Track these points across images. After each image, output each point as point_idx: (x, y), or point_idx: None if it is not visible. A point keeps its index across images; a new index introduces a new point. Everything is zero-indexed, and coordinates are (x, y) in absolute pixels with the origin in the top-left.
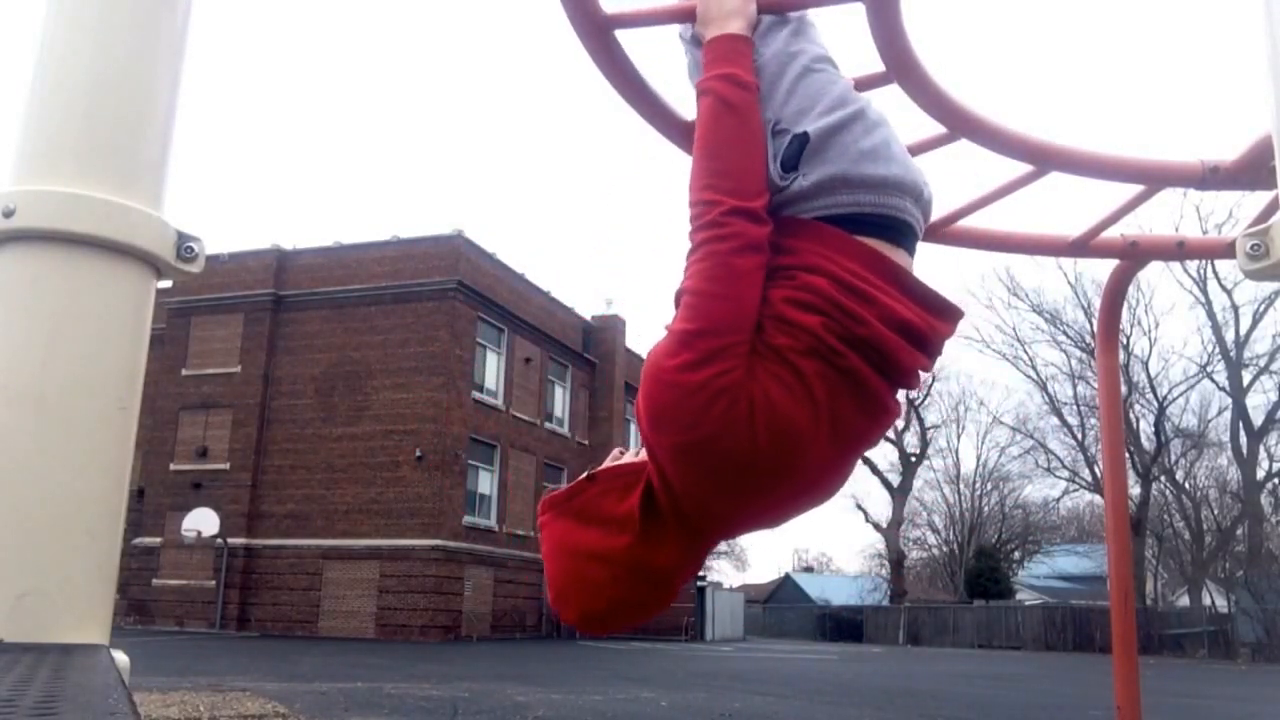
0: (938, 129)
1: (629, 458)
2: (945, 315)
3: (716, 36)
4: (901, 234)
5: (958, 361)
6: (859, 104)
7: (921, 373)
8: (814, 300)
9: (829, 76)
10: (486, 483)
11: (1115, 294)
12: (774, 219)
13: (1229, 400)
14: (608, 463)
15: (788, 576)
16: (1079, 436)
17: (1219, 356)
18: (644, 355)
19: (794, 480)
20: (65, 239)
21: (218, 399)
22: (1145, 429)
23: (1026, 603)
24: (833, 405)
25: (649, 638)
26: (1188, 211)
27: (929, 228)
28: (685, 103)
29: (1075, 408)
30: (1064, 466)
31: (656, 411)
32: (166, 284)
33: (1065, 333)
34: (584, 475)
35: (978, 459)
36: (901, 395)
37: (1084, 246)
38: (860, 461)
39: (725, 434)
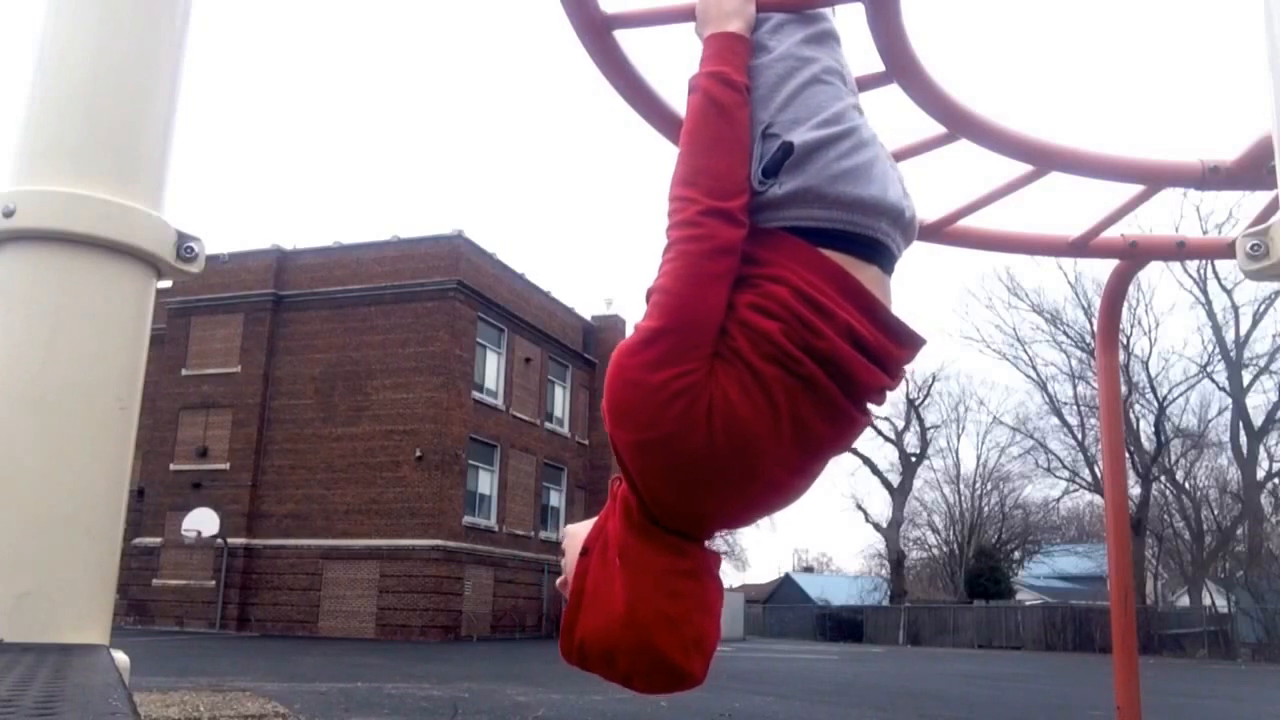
0: (938, 129)
1: (578, 527)
2: (903, 341)
3: (713, 34)
4: (874, 251)
5: (958, 361)
6: (852, 123)
7: (887, 391)
8: (774, 308)
9: (834, 92)
10: (486, 483)
11: (1115, 294)
12: (758, 231)
13: (1229, 400)
14: (566, 545)
15: (788, 576)
16: (1079, 436)
17: (1219, 356)
18: None
19: (754, 482)
20: (65, 239)
21: (218, 399)
22: (1145, 429)
23: (1026, 603)
24: (794, 411)
25: None
26: (1188, 211)
27: (930, 227)
28: (684, 101)
29: (1075, 408)
30: (1064, 466)
31: (617, 408)
32: (166, 284)
33: (1065, 333)
34: (578, 556)
35: (978, 459)
36: (872, 408)
37: (1084, 246)
38: (860, 461)
39: (683, 434)
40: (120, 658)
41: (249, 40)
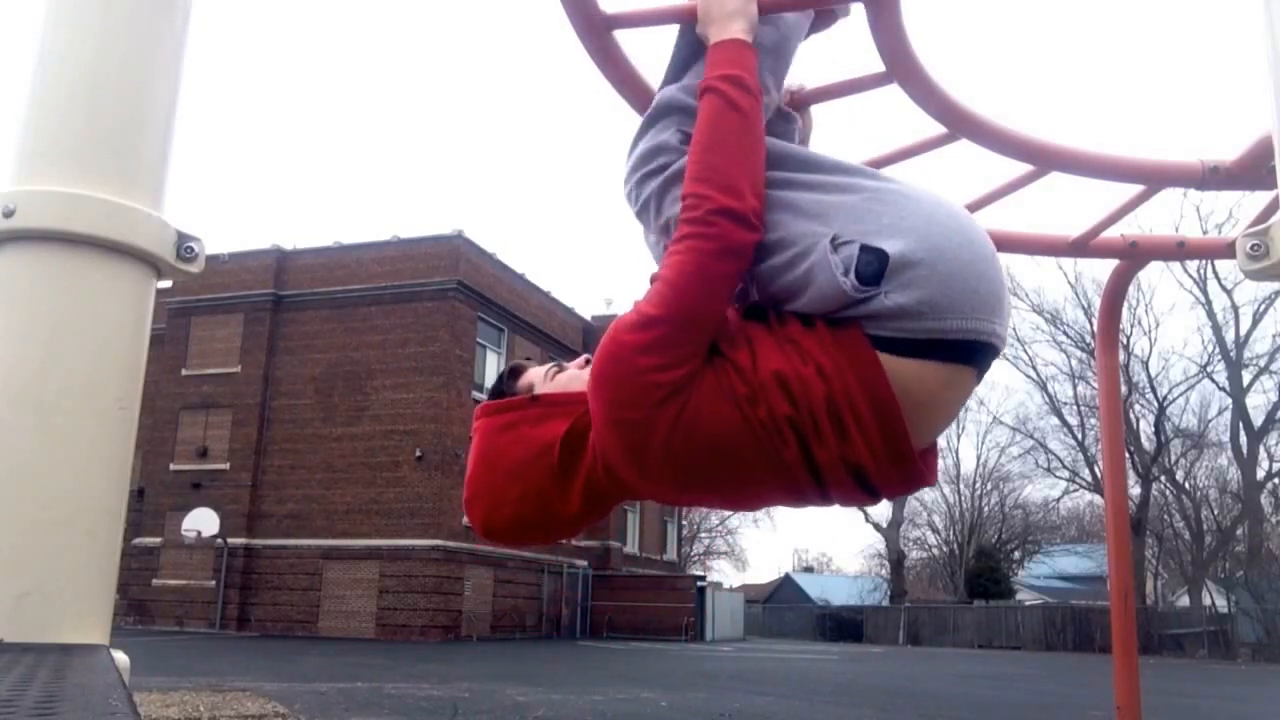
0: (938, 129)
1: (570, 378)
2: (909, 483)
3: (721, 41)
4: (982, 355)
5: None
6: (928, 211)
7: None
8: (799, 397)
9: (885, 189)
10: None
11: (1115, 294)
12: (838, 320)
13: (1229, 400)
14: (572, 368)
15: (788, 576)
16: (1079, 436)
17: (1219, 356)
18: None
19: (692, 490)
20: (65, 239)
21: (218, 399)
22: (1145, 429)
23: (1026, 603)
24: (758, 462)
25: (649, 638)
26: (1188, 211)
27: None
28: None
29: (1075, 408)
30: (1064, 466)
31: (599, 378)
32: (166, 284)
33: (1065, 333)
34: (529, 395)
35: (978, 459)
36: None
37: (1084, 246)
38: None
39: (645, 424)
40: (120, 658)
41: (249, 40)
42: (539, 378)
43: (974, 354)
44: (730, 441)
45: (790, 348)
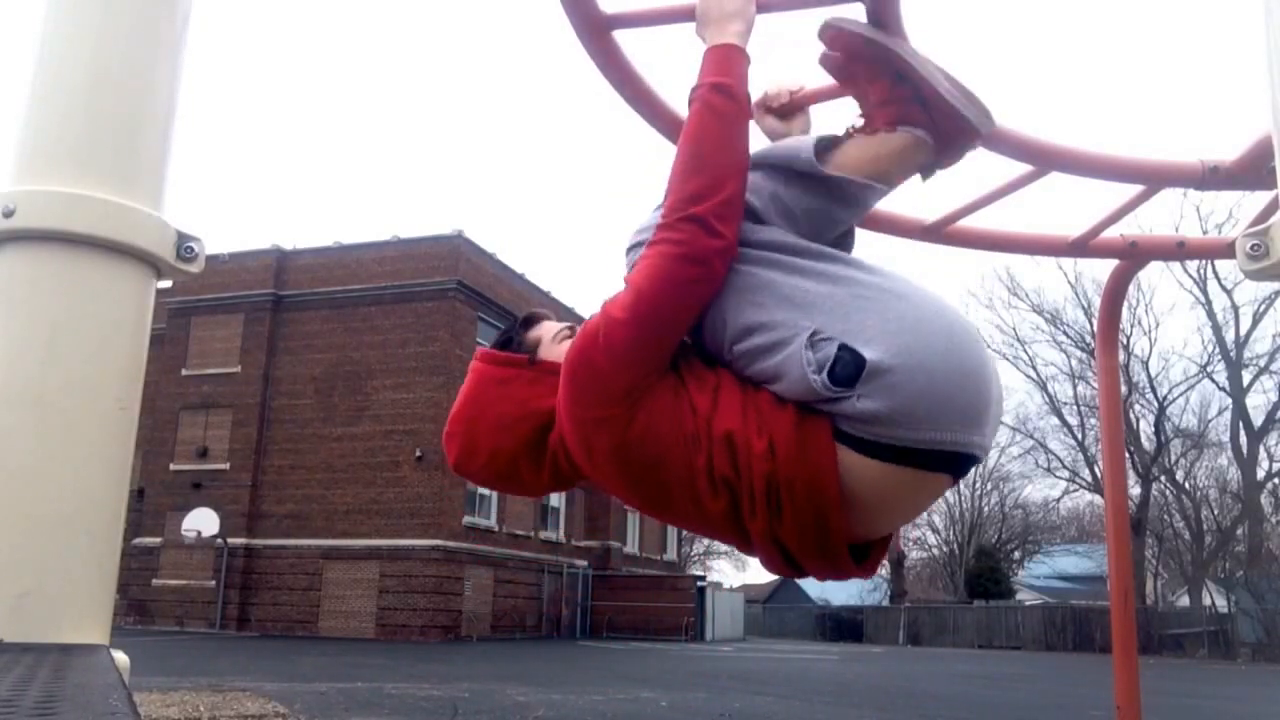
0: None
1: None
2: (836, 574)
3: (712, 47)
4: (959, 465)
5: None
6: (915, 316)
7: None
8: (743, 467)
9: (874, 284)
10: None
11: (1115, 294)
12: (805, 405)
13: (1229, 400)
14: (577, 337)
15: None
16: (1079, 436)
17: (1219, 356)
18: None
19: (636, 496)
20: (65, 239)
21: (218, 399)
22: (1145, 429)
23: (1026, 603)
24: (684, 498)
25: (649, 638)
26: (1188, 211)
27: (930, 227)
28: (683, 101)
29: (1075, 408)
30: (1064, 466)
31: (566, 373)
32: (166, 284)
33: (1065, 333)
34: (529, 356)
35: None
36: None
37: (1084, 246)
38: None
39: (599, 423)
40: (120, 658)
41: (249, 40)
42: (548, 337)
43: (948, 464)
44: (666, 467)
45: (753, 413)
